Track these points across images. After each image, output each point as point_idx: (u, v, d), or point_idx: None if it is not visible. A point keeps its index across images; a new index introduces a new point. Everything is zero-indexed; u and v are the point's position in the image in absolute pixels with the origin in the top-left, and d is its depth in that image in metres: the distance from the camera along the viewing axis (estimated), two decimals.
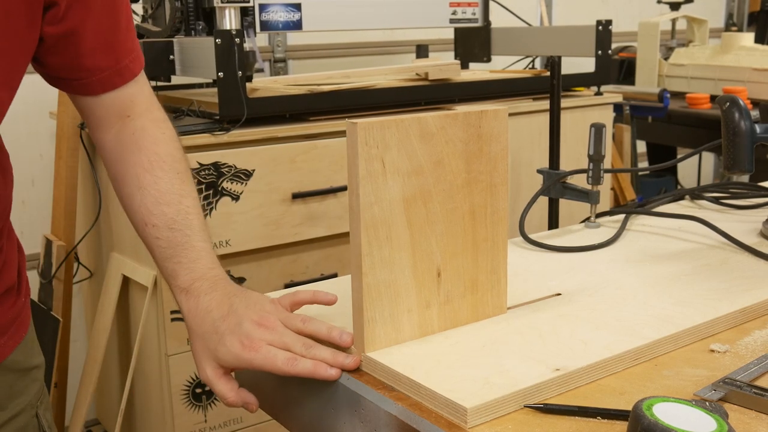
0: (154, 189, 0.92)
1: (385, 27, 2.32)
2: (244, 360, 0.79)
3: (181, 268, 0.88)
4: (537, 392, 0.71)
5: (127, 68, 0.93)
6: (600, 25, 2.18)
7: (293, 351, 0.79)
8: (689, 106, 2.75)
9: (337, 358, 0.79)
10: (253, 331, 0.80)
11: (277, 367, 0.77)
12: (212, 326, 0.82)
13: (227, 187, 1.69)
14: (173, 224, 0.90)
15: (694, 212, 1.28)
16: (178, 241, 0.89)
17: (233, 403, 0.83)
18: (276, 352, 0.78)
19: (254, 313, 0.82)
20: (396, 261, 0.78)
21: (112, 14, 0.90)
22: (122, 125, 0.95)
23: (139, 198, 0.92)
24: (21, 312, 0.95)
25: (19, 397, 0.94)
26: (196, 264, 0.88)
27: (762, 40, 3.48)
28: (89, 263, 2.07)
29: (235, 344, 0.80)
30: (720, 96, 1.11)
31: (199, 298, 0.85)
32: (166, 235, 0.90)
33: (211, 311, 0.83)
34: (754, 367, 0.76)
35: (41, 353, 1.01)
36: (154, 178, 0.92)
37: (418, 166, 0.78)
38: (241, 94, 1.68)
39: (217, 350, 0.81)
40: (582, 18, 3.17)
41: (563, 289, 0.96)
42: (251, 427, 1.82)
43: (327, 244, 1.87)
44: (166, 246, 0.90)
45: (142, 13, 1.96)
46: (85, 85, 0.92)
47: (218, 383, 0.82)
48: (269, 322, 0.81)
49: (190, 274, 0.88)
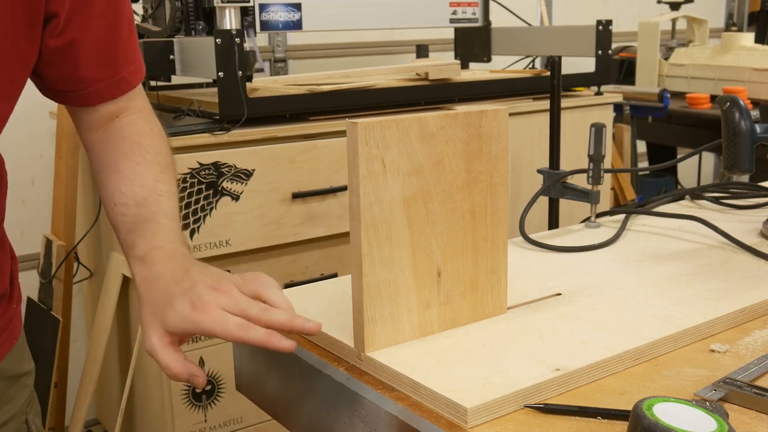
0: (131, 173, 0.88)
1: (385, 27, 2.32)
2: (192, 322, 0.72)
3: (141, 239, 0.83)
4: (537, 392, 0.71)
5: (125, 80, 0.92)
6: (600, 25, 2.18)
7: (247, 315, 0.73)
8: (689, 106, 2.75)
9: (295, 321, 0.73)
10: (205, 294, 0.73)
11: (229, 332, 0.71)
12: (164, 290, 0.76)
13: (227, 187, 1.69)
14: (142, 202, 0.86)
15: (694, 212, 1.28)
16: (143, 217, 0.85)
17: (178, 375, 0.74)
18: (228, 317, 0.72)
19: (209, 278, 0.76)
20: (396, 261, 0.78)
21: (113, 25, 0.88)
22: (111, 122, 0.93)
23: (114, 180, 0.88)
24: (12, 319, 0.94)
25: (9, 403, 0.93)
26: (157, 236, 0.83)
27: (762, 40, 3.48)
28: (89, 263, 2.07)
29: (185, 306, 0.73)
30: (720, 96, 1.10)
31: (153, 265, 0.79)
32: (133, 211, 0.85)
33: (164, 276, 0.77)
34: (754, 367, 0.76)
35: (32, 360, 0.99)
36: (132, 163, 0.89)
37: (418, 166, 0.78)
38: (241, 94, 1.68)
39: (165, 314, 0.74)
40: (582, 18, 3.17)
41: (563, 289, 0.96)
42: (251, 427, 1.82)
43: (327, 244, 1.87)
44: (131, 221, 0.85)
45: (142, 13, 1.96)
46: (81, 97, 0.90)
47: (164, 353, 0.74)
48: (224, 287, 0.75)
49: (149, 244, 0.81)
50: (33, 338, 2.01)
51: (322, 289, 0.99)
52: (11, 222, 0.99)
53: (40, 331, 2.00)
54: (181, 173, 1.63)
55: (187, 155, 1.64)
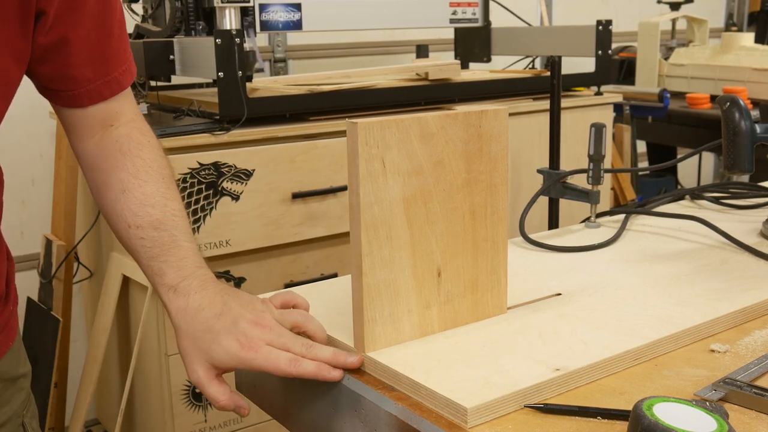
0: (139, 192, 0.89)
1: (385, 27, 2.32)
2: (243, 360, 0.77)
3: (169, 267, 0.85)
4: (537, 392, 0.71)
5: (117, 80, 0.91)
6: (600, 25, 2.18)
7: (293, 351, 0.77)
8: (689, 106, 2.75)
9: (338, 357, 0.78)
10: (250, 330, 0.77)
11: (279, 368, 0.75)
12: (205, 324, 0.79)
13: (227, 187, 1.69)
14: (159, 225, 0.87)
15: (694, 212, 1.28)
16: (164, 241, 0.87)
17: (225, 407, 0.80)
18: (277, 353, 0.76)
19: (249, 311, 0.80)
20: (396, 261, 0.78)
21: (104, 24, 0.88)
22: (105, 133, 0.92)
23: (123, 201, 0.89)
24: (9, 321, 0.93)
25: (5, 406, 0.93)
26: (184, 262, 0.85)
27: (762, 40, 3.48)
28: (89, 263, 2.07)
29: (232, 344, 0.77)
30: (720, 96, 1.10)
31: (189, 295, 0.82)
32: (152, 235, 0.87)
33: (203, 309, 0.80)
34: (754, 367, 0.76)
35: (28, 362, 0.98)
36: (139, 182, 0.90)
37: (418, 166, 0.78)
38: (241, 94, 1.68)
39: (211, 350, 0.78)
40: (582, 18, 3.17)
41: (563, 289, 0.96)
42: (251, 427, 1.82)
43: (327, 244, 1.87)
44: (152, 246, 0.87)
45: (142, 13, 1.96)
46: (73, 97, 0.90)
47: (210, 385, 0.79)
48: (266, 321, 0.79)
49: (179, 272, 0.84)
50: (33, 338, 2.01)
51: (322, 289, 0.99)
52: (11, 222, 0.99)
53: (40, 331, 2.00)
54: (181, 173, 1.63)
55: (187, 155, 1.64)
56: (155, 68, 1.85)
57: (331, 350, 0.78)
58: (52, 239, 2.00)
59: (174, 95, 1.96)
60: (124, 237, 0.90)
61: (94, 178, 0.93)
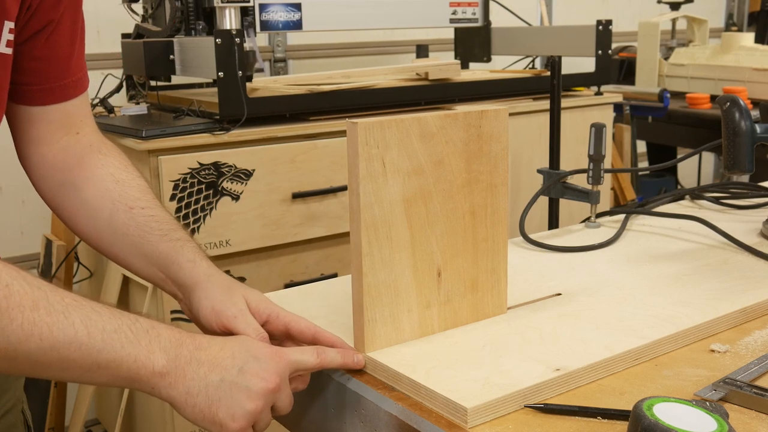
0: (136, 183, 0.90)
1: (385, 27, 2.32)
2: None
3: (181, 271, 0.85)
4: (537, 392, 0.71)
5: (80, 82, 0.92)
6: (600, 25, 2.18)
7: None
8: (689, 106, 2.75)
9: (346, 359, 0.78)
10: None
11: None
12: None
13: (227, 187, 1.69)
14: (164, 211, 0.90)
15: (694, 212, 1.28)
16: (176, 225, 0.89)
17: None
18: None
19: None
20: (396, 261, 0.78)
21: (73, 29, 0.89)
22: (72, 140, 0.92)
23: (120, 190, 0.89)
24: None
25: (6, 394, 0.94)
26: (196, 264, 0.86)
27: (762, 40, 3.48)
28: (89, 263, 2.07)
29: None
30: (720, 96, 1.11)
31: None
32: (161, 214, 0.89)
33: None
34: (754, 367, 0.76)
35: None
36: (131, 176, 0.91)
37: (419, 166, 0.78)
38: (241, 94, 1.68)
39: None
40: (582, 18, 3.17)
41: (563, 289, 0.96)
42: None
43: (327, 244, 1.87)
44: (161, 222, 0.88)
45: (142, 13, 1.96)
46: (35, 92, 0.89)
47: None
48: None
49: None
50: None
51: (322, 289, 0.99)
52: (11, 222, 0.99)
53: None
54: (181, 173, 1.63)
55: (187, 155, 1.64)
56: (155, 68, 1.85)
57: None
58: (52, 239, 2.00)
59: (174, 95, 1.96)
60: (122, 218, 0.88)
61: (61, 178, 0.92)
